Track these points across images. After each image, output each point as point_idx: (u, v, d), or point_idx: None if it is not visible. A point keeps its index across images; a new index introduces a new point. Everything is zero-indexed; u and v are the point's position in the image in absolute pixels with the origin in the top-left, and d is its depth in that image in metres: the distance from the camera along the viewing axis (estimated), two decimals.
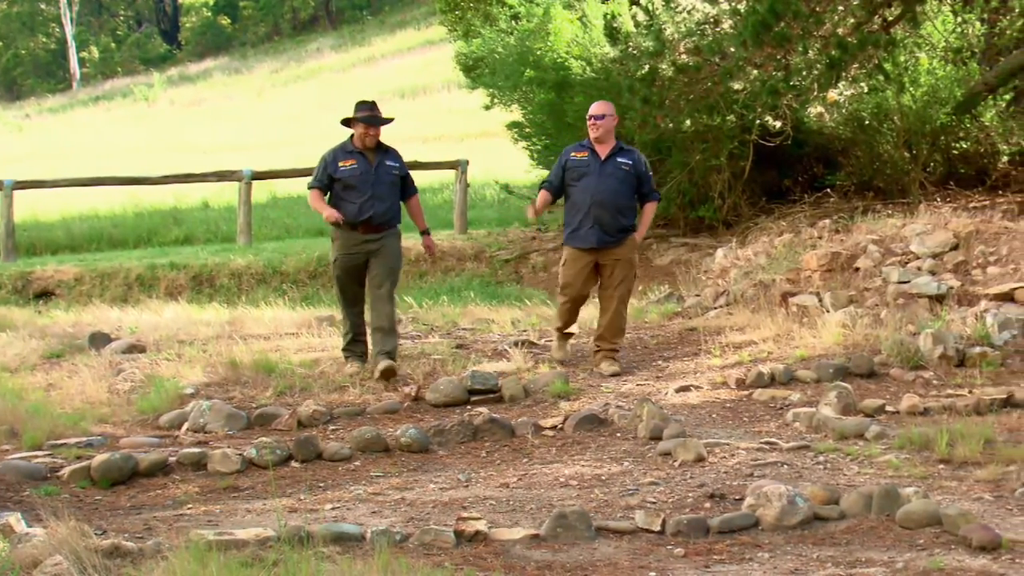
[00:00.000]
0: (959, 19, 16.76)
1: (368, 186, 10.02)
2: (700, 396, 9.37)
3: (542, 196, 10.55)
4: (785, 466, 7.40)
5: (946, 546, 5.74)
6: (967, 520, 5.89)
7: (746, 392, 9.41)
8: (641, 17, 15.67)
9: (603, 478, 7.33)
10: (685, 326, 11.89)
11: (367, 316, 10.30)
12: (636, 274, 10.90)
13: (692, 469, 7.39)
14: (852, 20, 14.74)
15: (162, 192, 25.52)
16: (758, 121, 15.63)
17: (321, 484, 7.45)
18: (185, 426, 8.84)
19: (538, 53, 18.58)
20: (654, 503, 6.69)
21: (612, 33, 15.88)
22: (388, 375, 9.82)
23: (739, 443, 7.92)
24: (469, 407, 9.21)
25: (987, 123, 16.47)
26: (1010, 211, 13.84)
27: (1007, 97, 16.68)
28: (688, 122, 16.02)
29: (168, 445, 8.34)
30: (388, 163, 10.18)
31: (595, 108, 10.47)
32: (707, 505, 6.64)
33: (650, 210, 10.64)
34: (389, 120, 10.29)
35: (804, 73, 14.41)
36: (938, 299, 11.10)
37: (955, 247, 11.73)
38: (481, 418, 8.56)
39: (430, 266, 17.92)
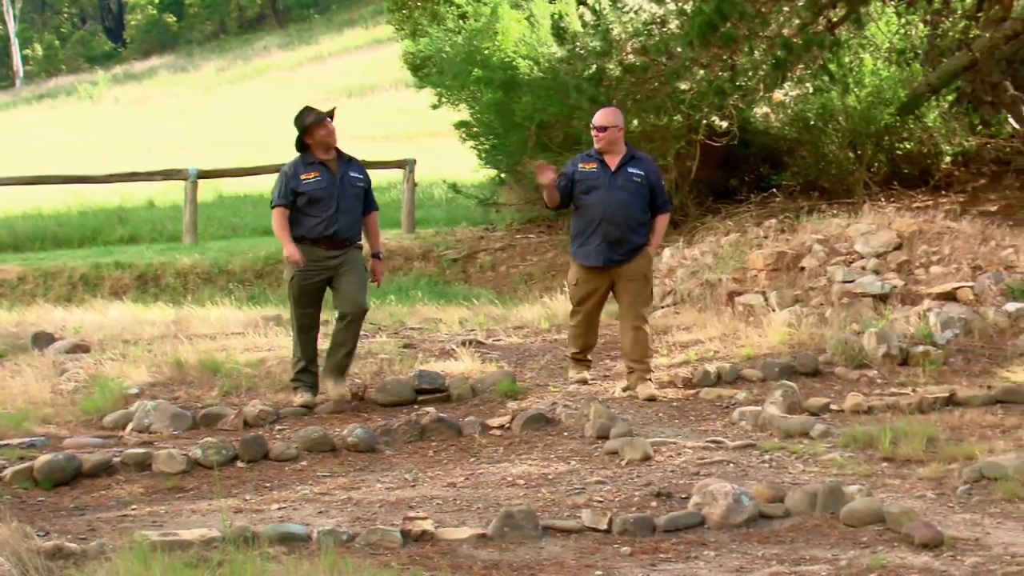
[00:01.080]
0: (902, 21, 16.94)
1: (333, 199, 9.25)
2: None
3: (552, 189, 9.61)
4: (731, 464, 7.43)
5: (889, 543, 5.79)
6: (910, 518, 5.94)
7: (693, 391, 9.45)
8: (588, 17, 15.71)
9: (550, 477, 7.34)
10: None
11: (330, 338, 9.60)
12: (652, 291, 10.16)
13: (639, 468, 7.42)
14: (797, 21, 14.85)
15: (107, 191, 25.33)
16: (705, 121, 15.71)
17: (267, 484, 7.42)
18: (130, 426, 8.76)
19: (486, 52, 18.61)
20: (601, 502, 6.70)
21: (559, 33, 15.92)
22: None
23: (685, 442, 7.96)
24: (416, 407, 9.18)
25: (930, 124, 16.67)
26: (952, 211, 14.00)
27: (950, 98, 16.88)
28: (635, 122, 16.07)
29: (112, 445, 8.27)
30: (352, 174, 9.44)
31: (599, 118, 9.65)
32: (653, 504, 6.65)
33: (662, 222, 9.80)
34: (332, 110, 9.52)
35: (750, 73, 14.52)
36: (882, 298, 11.20)
37: (899, 247, 11.84)
38: (428, 418, 8.54)
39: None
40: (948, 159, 17.16)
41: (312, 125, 9.34)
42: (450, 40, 20.13)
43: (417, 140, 33.01)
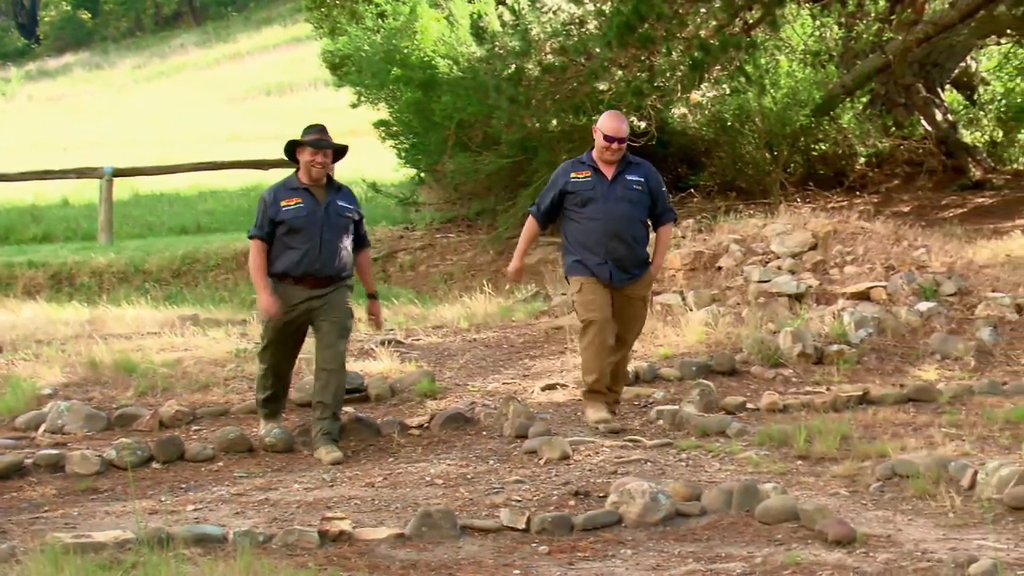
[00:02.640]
0: (817, 23, 17.14)
1: (316, 230, 8.12)
2: (566, 394, 9.42)
3: (527, 234, 8.89)
4: (648, 463, 7.48)
5: (803, 540, 5.85)
6: (823, 515, 6.01)
7: None
8: (507, 17, 15.73)
9: (469, 477, 7.35)
10: (552, 324, 11.93)
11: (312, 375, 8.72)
12: (647, 313, 9.11)
13: (557, 467, 7.44)
14: (714, 22, 14.99)
15: (20, 189, 24.96)
16: None
17: (183, 485, 7.36)
18: (42, 427, 8.65)
19: (405, 52, 18.54)
20: (519, 501, 6.72)
21: (478, 32, 15.91)
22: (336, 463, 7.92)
23: (603, 441, 7.99)
24: None
25: (845, 125, 16.87)
26: (867, 211, 14.20)
27: (864, 100, 17.13)
28: (554, 122, 16.11)
29: (25, 447, 8.17)
30: (340, 203, 8.31)
31: (615, 128, 8.38)
32: (571, 503, 6.68)
33: (666, 234, 8.74)
34: (343, 147, 8.62)
35: (668, 74, 14.62)
36: (797, 298, 11.32)
37: (814, 247, 11.97)
38: (347, 417, 8.51)
39: None
40: (862, 160, 17.40)
41: (304, 145, 8.41)
42: (369, 39, 20.03)
43: (336, 139, 32.77)
